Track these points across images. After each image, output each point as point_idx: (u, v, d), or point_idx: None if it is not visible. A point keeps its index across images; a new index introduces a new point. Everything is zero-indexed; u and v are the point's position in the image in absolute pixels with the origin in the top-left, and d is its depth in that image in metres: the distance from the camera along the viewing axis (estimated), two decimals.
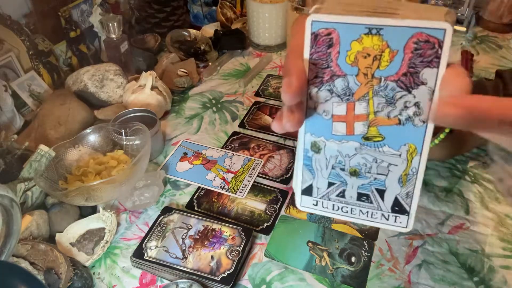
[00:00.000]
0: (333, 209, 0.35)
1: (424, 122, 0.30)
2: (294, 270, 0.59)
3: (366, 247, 0.61)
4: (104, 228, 0.64)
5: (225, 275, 0.56)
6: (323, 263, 0.59)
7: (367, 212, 0.35)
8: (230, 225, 0.63)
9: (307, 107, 0.32)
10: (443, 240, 0.62)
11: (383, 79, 0.29)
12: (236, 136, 0.82)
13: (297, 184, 0.36)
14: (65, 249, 0.61)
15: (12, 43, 0.80)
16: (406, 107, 0.30)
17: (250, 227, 0.63)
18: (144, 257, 0.59)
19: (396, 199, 0.33)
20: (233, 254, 0.59)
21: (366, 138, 0.32)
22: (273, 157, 0.77)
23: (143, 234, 0.64)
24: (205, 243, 0.61)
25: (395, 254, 0.60)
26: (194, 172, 0.74)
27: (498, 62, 1.02)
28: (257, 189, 0.71)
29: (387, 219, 0.34)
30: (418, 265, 0.59)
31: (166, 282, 0.58)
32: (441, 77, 0.28)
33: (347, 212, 0.35)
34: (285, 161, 0.76)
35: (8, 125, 0.79)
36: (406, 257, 0.60)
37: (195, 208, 0.69)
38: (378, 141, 0.31)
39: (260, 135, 0.83)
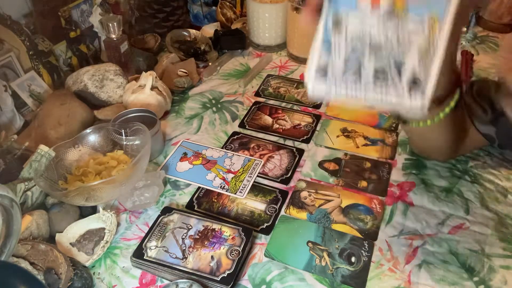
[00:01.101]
0: (346, 87, 0.34)
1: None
2: (294, 270, 0.59)
3: (366, 247, 0.61)
4: (104, 228, 0.64)
5: (225, 275, 0.56)
6: (323, 263, 0.59)
7: (382, 86, 0.33)
8: (230, 225, 0.63)
9: None
10: (443, 240, 0.62)
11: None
12: (236, 136, 0.82)
13: (312, 63, 0.34)
14: (65, 249, 0.61)
15: (12, 43, 0.80)
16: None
17: (250, 227, 0.63)
18: (144, 257, 0.59)
19: (413, 74, 0.32)
20: (233, 254, 0.59)
21: (391, 9, 0.31)
22: (273, 157, 0.77)
23: (143, 234, 0.64)
24: (205, 243, 0.61)
25: (395, 254, 0.60)
26: (194, 172, 0.74)
27: (498, 62, 1.02)
28: (257, 189, 0.71)
29: (402, 95, 0.33)
30: (418, 265, 0.59)
31: (166, 282, 0.58)
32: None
33: (361, 89, 0.34)
34: (285, 161, 0.76)
35: (8, 125, 0.79)
36: (406, 257, 0.60)
37: (195, 208, 0.69)
38: (403, 9, 0.31)
39: (260, 135, 0.83)
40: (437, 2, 0.30)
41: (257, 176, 0.73)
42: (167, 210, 0.66)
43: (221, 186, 0.71)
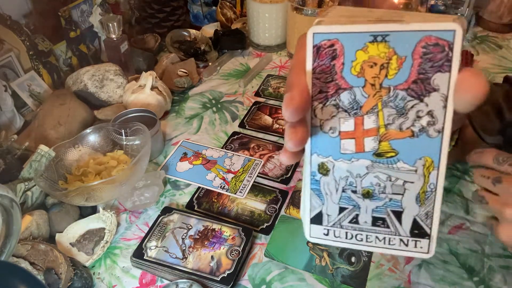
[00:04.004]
0: (346, 237, 0.32)
1: (439, 132, 0.28)
2: (294, 270, 0.59)
3: None
4: (104, 228, 0.64)
5: (225, 275, 0.56)
6: (323, 263, 0.59)
7: (384, 238, 0.31)
8: (230, 225, 0.63)
9: (312, 126, 0.30)
10: (443, 240, 0.62)
11: (392, 89, 0.28)
12: (236, 136, 0.82)
13: (305, 212, 0.33)
14: (65, 249, 0.61)
15: (12, 43, 0.80)
16: (419, 117, 0.28)
17: (250, 227, 0.63)
18: (144, 257, 0.59)
19: (414, 221, 0.30)
20: (233, 254, 0.59)
21: (378, 154, 0.29)
22: (273, 157, 0.77)
23: (143, 234, 0.64)
24: (205, 243, 0.61)
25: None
26: (194, 172, 0.74)
27: (498, 62, 1.02)
28: (257, 189, 0.71)
29: (407, 245, 0.31)
30: (418, 265, 0.59)
31: (166, 282, 0.58)
32: (454, 81, 0.26)
33: (361, 240, 0.32)
34: None
35: (8, 125, 0.79)
36: (406, 257, 0.60)
37: (195, 208, 0.69)
38: (391, 156, 0.29)
39: (260, 135, 0.83)
40: (430, 147, 0.28)
41: (257, 176, 0.73)
42: (167, 210, 0.66)
43: (221, 186, 0.71)
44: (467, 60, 1.00)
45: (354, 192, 0.31)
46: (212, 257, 0.59)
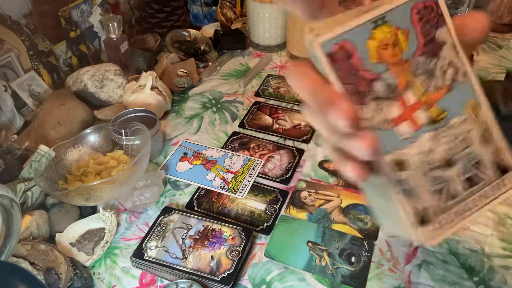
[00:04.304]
0: (456, 217, 0.32)
1: (465, 74, 0.30)
2: (294, 270, 0.59)
3: (366, 247, 0.61)
4: (104, 228, 0.64)
5: (225, 275, 0.56)
6: (323, 263, 0.59)
7: (485, 192, 0.32)
8: (230, 225, 0.63)
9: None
10: (443, 240, 0.62)
11: (411, 58, 0.29)
12: (236, 136, 0.82)
13: (401, 222, 0.31)
14: (65, 249, 0.61)
15: (12, 43, 0.80)
16: (444, 72, 0.30)
17: (250, 227, 0.63)
18: (144, 257, 0.59)
19: (493, 161, 0.31)
20: (233, 254, 0.59)
21: (433, 121, 0.30)
22: (273, 157, 0.77)
23: (143, 234, 0.64)
24: (205, 243, 0.61)
25: (395, 254, 0.60)
26: (194, 172, 0.74)
27: (498, 62, 1.02)
28: (257, 189, 0.71)
29: (505, 184, 0.32)
30: (418, 265, 0.59)
31: (166, 282, 0.58)
32: (453, 30, 0.29)
33: (470, 208, 0.32)
34: (285, 161, 0.76)
35: (8, 125, 0.79)
36: (406, 257, 0.60)
37: (195, 208, 0.69)
38: (445, 117, 0.30)
39: (260, 135, 0.83)
40: (466, 91, 0.30)
41: (257, 176, 0.73)
42: (167, 210, 0.66)
43: (221, 186, 0.71)
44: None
45: (437, 168, 0.31)
46: (212, 257, 0.59)
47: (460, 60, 0.30)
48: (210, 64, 1.02)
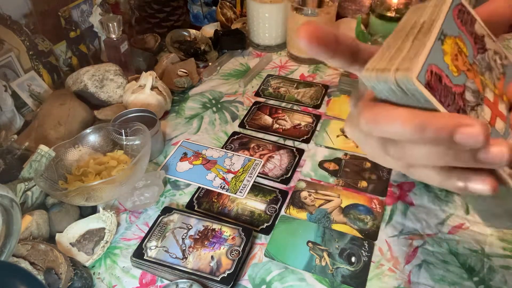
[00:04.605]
0: None
1: (506, 56, 0.33)
2: (294, 270, 0.59)
3: (366, 247, 0.61)
4: (104, 228, 0.64)
5: (225, 275, 0.56)
6: (323, 263, 0.59)
7: None
8: (230, 225, 0.63)
9: None
10: (443, 240, 0.62)
11: (474, 59, 0.32)
12: (236, 136, 0.82)
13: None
14: (65, 249, 0.61)
15: (12, 43, 0.80)
16: (495, 61, 0.33)
17: (250, 227, 0.63)
18: (144, 257, 0.59)
19: None
20: (233, 254, 0.59)
21: (510, 108, 0.33)
22: (273, 157, 0.77)
23: (143, 234, 0.64)
24: (205, 243, 0.61)
25: (395, 254, 0.60)
26: (194, 172, 0.74)
27: None
28: (257, 189, 0.71)
29: None
30: (418, 265, 0.59)
31: (166, 282, 0.58)
32: (481, 22, 0.32)
33: None
34: (285, 161, 0.76)
35: (8, 125, 0.79)
36: (406, 257, 0.60)
37: (195, 208, 0.69)
38: None
39: (260, 135, 0.83)
40: None
41: (257, 176, 0.73)
42: (167, 210, 0.66)
43: (221, 186, 0.71)
44: None
45: None
46: (212, 257, 0.59)
47: (497, 46, 0.33)
48: (210, 64, 1.02)
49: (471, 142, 0.25)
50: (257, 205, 0.68)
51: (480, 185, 0.28)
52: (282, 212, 0.67)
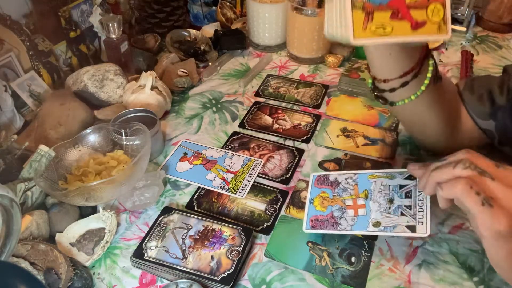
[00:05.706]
0: None
1: None
2: (294, 270, 0.59)
3: (366, 247, 0.61)
4: (104, 228, 0.64)
5: (225, 275, 0.56)
6: (323, 263, 0.59)
7: None
8: (230, 225, 0.63)
9: None
10: (443, 240, 0.62)
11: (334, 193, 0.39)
12: (236, 136, 0.82)
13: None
14: (65, 249, 0.61)
15: (12, 43, 0.80)
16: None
17: (250, 227, 0.63)
18: (144, 257, 0.59)
19: None
20: (233, 254, 0.59)
21: None
22: (273, 157, 0.77)
23: (143, 234, 0.64)
24: (205, 243, 0.61)
25: (395, 254, 0.60)
26: (194, 172, 0.74)
27: (498, 62, 1.02)
28: (257, 189, 0.71)
29: None
30: (418, 265, 0.59)
31: (166, 282, 0.58)
32: None
33: None
34: (285, 161, 0.76)
35: (8, 125, 0.79)
36: (406, 257, 0.60)
37: (195, 208, 0.69)
38: None
39: (260, 135, 0.83)
40: None
41: (257, 176, 0.73)
42: (167, 210, 0.66)
43: (221, 186, 0.71)
44: (467, 60, 1.00)
45: None
46: (212, 257, 0.59)
47: None
48: (210, 64, 1.02)
49: None
50: (257, 205, 0.68)
51: None
52: (282, 212, 0.67)
